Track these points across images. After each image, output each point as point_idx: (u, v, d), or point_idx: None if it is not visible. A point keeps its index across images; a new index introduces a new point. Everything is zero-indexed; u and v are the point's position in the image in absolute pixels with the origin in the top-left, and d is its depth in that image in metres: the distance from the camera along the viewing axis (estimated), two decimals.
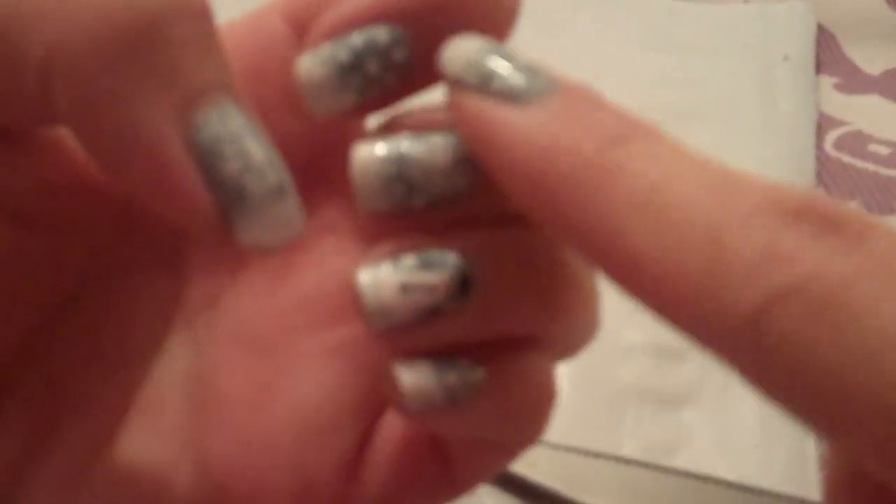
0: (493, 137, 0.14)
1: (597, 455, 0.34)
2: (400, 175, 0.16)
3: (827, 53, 0.51)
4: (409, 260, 0.16)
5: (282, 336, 0.19)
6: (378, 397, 0.18)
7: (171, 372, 0.19)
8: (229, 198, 0.15)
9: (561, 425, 0.20)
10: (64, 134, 0.17)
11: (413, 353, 0.17)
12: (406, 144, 0.16)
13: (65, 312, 0.18)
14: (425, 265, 0.16)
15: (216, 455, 0.18)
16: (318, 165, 0.18)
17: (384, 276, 0.16)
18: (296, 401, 0.18)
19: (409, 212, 0.16)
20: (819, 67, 0.50)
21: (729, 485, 0.33)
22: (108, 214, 0.18)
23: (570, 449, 0.34)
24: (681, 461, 0.35)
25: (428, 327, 0.16)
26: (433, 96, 0.16)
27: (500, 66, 0.15)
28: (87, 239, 0.18)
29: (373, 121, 0.17)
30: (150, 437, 0.18)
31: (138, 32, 0.14)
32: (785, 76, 0.49)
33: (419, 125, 0.16)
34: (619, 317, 0.39)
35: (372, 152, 0.16)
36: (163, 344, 0.19)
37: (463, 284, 0.16)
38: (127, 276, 0.18)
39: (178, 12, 0.15)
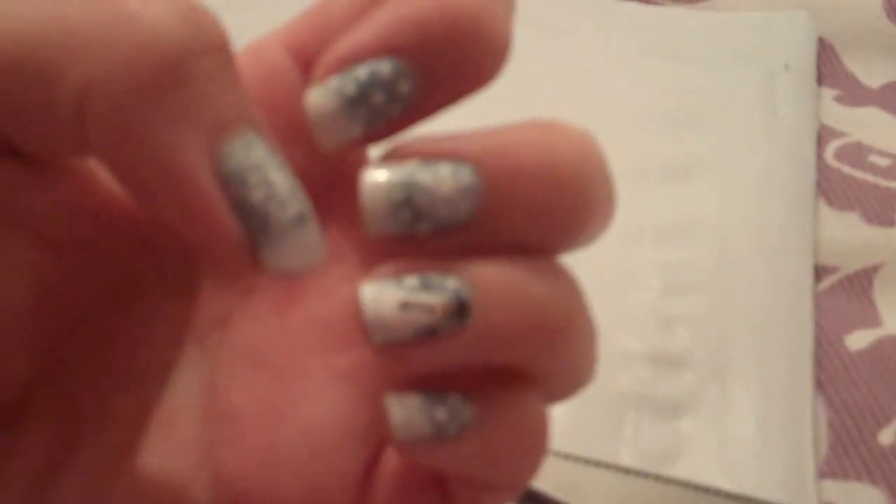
0: None
1: (595, 463, 0.34)
2: (407, 201, 0.16)
3: (827, 66, 0.51)
4: (411, 280, 0.17)
5: (291, 358, 0.19)
6: (384, 423, 0.19)
7: (186, 388, 0.19)
8: (254, 226, 0.16)
9: (559, 433, 0.20)
10: (92, 164, 0.18)
11: (408, 381, 0.17)
12: (414, 171, 0.17)
13: (81, 331, 0.18)
14: (425, 286, 0.17)
15: (232, 469, 0.19)
16: (323, 196, 0.19)
17: (386, 293, 0.17)
18: (305, 421, 0.19)
19: (414, 237, 0.17)
20: (820, 80, 0.51)
21: (727, 495, 0.33)
22: (126, 239, 0.18)
23: (567, 457, 0.34)
24: (679, 470, 0.35)
25: (425, 347, 0.17)
26: (436, 126, 0.17)
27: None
28: (104, 262, 0.18)
29: (375, 150, 0.18)
30: (168, 451, 0.19)
31: (169, 67, 0.15)
32: (786, 85, 0.49)
33: (427, 153, 0.17)
34: (618, 325, 0.40)
35: (381, 178, 0.17)
36: (176, 361, 0.19)
37: (460, 308, 0.16)
38: (140, 297, 0.19)
39: (204, 46, 0.15)
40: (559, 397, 0.19)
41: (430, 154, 0.17)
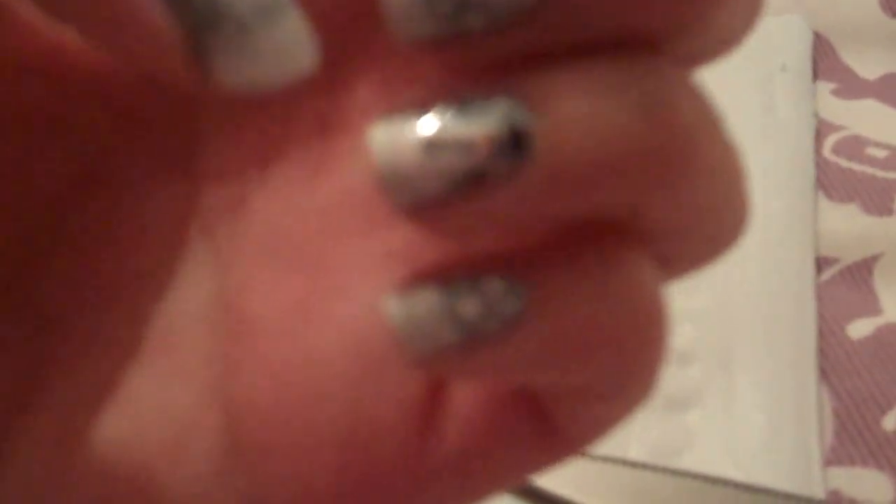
0: None
1: (603, 458, 0.35)
2: None
3: (824, 60, 0.52)
4: (441, 109, 0.12)
5: (323, 244, 0.14)
6: None
7: (189, 298, 0.15)
8: (200, 19, 0.11)
9: None
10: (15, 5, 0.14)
11: (464, 260, 0.12)
12: None
13: (55, 232, 0.15)
14: (462, 114, 0.11)
15: (248, 398, 0.14)
16: (354, 25, 0.14)
17: (403, 131, 0.12)
18: (343, 325, 0.14)
19: (461, 38, 0.11)
20: (817, 74, 0.51)
21: (735, 485, 0.34)
22: (100, 110, 0.15)
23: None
24: (687, 463, 0.35)
25: (469, 202, 0.12)
26: None
27: None
28: (77, 140, 0.15)
29: None
30: (166, 380, 0.15)
31: None
32: (783, 85, 0.50)
33: None
34: None
35: None
36: (177, 265, 0.15)
37: (515, 139, 0.11)
38: (129, 186, 0.15)
39: None
40: (689, 261, 0.14)
41: None
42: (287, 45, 0.12)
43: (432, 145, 0.11)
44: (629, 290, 0.13)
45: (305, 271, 0.14)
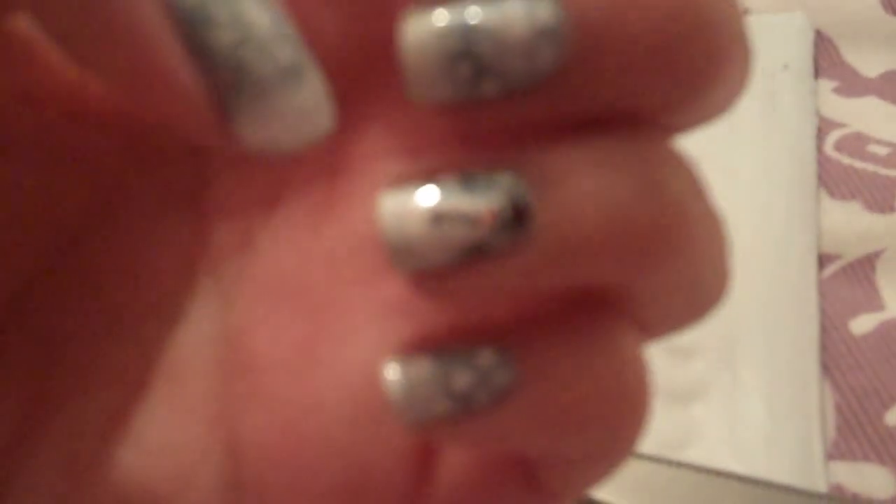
0: None
1: None
2: (467, 50, 0.12)
3: (826, 58, 0.52)
4: (448, 181, 0.12)
5: (329, 288, 0.15)
6: None
7: (195, 333, 0.15)
8: (224, 80, 0.12)
9: None
10: (29, 34, 0.14)
11: (457, 324, 0.13)
12: (474, 10, 0.12)
13: (63, 263, 0.15)
14: (467, 187, 0.12)
15: (251, 435, 0.15)
16: (366, 71, 0.14)
17: (410, 202, 0.12)
18: (347, 369, 0.14)
19: (477, 103, 0.12)
20: (818, 72, 0.51)
21: (738, 478, 0.34)
22: (110, 141, 0.15)
23: None
24: (691, 455, 0.35)
25: (471, 274, 0.12)
26: None
27: None
28: (84, 170, 0.15)
29: None
30: (171, 413, 0.15)
31: None
32: (785, 83, 0.50)
33: None
34: None
35: (430, 21, 0.12)
36: (184, 299, 0.15)
37: (517, 215, 0.12)
38: (137, 218, 0.15)
39: None
40: (671, 327, 0.14)
41: None
42: (308, 108, 0.12)
43: (437, 217, 0.12)
44: (617, 361, 0.13)
45: (309, 314, 0.15)
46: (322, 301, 0.15)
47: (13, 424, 0.15)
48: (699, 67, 0.12)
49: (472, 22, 0.12)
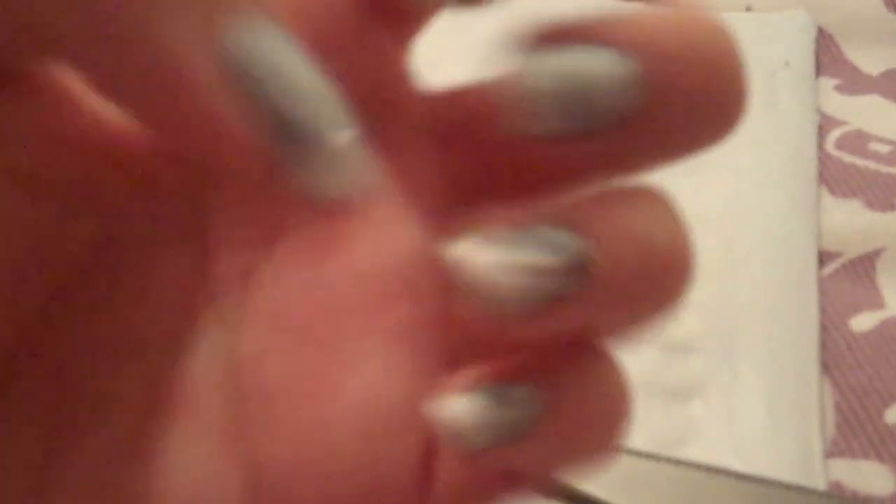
0: None
1: None
2: (571, 92, 0.14)
3: (827, 56, 0.52)
4: (517, 235, 0.14)
5: (330, 319, 0.15)
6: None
7: (203, 360, 0.16)
8: (278, 132, 0.13)
9: None
10: (67, 79, 0.14)
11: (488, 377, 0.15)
12: (581, 57, 0.14)
13: (72, 293, 0.15)
14: (536, 241, 0.14)
15: (269, 457, 0.15)
16: (369, 118, 0.15)
17: (486, 252, 0.14)
18: (356, 393, 0.15)
19: (563, 138, 0.14)
20: (820, 70, 0.51)
21: (737, 476, 0.34)
22: (121, 177, 0.15)
23: None
24: (690, 453, 0.35)
25: (544, 318, 0.14)
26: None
27: None
28: (97, 206, 0.15)
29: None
30: (188, 437, 0.15)
31: None
32: (786, 81, 0.50)
33: (587, 36, 0.14)
34: None
35: (546, 63, 0.14)
36: (191, 328, 0.16)
37: (580, 266, 0.14)
38: (142, 250, 0.16)
39: None
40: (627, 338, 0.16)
41: (589, 38, 0.14)
42: (355, 164, 0.13)
43: (522, 269, 0.14)
44: (615, 377, 0.16)
45: (314, 343, 0.16)
46: (326, 331, 0.16)
47: (36, 456, 0.15)
48: (724, 103, 0.16)
49: (579, 66, 0.14)
